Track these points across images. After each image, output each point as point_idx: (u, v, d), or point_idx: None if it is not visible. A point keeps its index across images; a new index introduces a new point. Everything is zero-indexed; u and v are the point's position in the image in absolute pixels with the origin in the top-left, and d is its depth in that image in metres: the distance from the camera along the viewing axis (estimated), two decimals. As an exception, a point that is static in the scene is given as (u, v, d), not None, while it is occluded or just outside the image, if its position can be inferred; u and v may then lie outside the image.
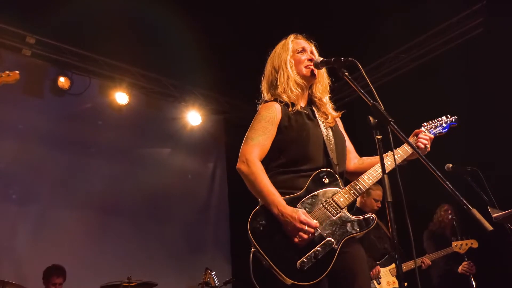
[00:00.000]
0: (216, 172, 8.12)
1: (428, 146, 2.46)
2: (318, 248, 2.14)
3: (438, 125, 2.63)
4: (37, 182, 6.25)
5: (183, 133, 7.71)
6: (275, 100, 2.50)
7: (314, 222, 2.15)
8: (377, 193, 4.75)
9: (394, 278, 4.51)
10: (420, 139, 2.45)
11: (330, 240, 2.17)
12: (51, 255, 5.59)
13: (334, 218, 2.24)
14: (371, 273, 4.47)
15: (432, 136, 2.53)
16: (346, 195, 2.29)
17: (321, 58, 2.37)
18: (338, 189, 2.32)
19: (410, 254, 1.91)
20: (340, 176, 2.41)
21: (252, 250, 2.17)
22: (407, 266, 4.40)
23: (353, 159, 2.63)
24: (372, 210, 4.85)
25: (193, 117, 7.63)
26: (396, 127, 1.90)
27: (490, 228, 1.70)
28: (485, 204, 3.69)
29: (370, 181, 2.33)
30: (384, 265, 4.57)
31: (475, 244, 4.76)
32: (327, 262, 2.14)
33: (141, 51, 6.63)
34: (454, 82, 5.84)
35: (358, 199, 4.95)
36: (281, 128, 2.42)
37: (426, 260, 4.75)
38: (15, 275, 5.42)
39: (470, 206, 1.70)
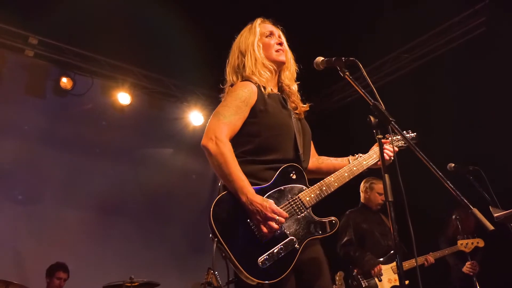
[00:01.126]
0: (218, 172, 8.12)
1: (393, 157, 2.37)
2: (281, 246, 2.07)
3: (400, 138, 2.59)
4: (40, 183, 6.27)
5: (185, 133, 7.72)
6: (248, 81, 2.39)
7: (285, 213, 2.09)
8: (380, 186, 4.73)
9: (395, 276, 4.50)
10: (386, 150, 2.37)
11: (293, 239, 2.11)
12: (54, 255, 5.59)
13: (298, 216, 2.17)
14: (373, 271, 4.47)
15: (396, 149, 2.49)
16: (312, 195, 2.22)
17: (322, 58, 2.32)
18: (305, 187, 2.25)
19: (412, 253, 1.90)
20: (305, 170, 2.35)
21: (215, 239, 2.04)
22: (410, 264, 4.39)
23: (312, 157, 2.57)
24: (377, 204, 4.85)
25: (195, 117, 7.64)
26: (397, 126, 1.90)
27: (491, 227, 1.69)
28: (487, 203, 3.68)
29: (336, 184, 2.28)
30: (386, 262, 4.57)
31: (481, 243, 4.69)
32: (288, 262, 2.07)
33: (143, 51, 6.65)
34: (456, 82, 5.83)
35: (362, 195, 4.95)
36: (255, 112, 2.30)
37: (430, 258, 4.72)
38: (18, 275, 5.43)
39: (471, 206, 1.69)
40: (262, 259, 2.02)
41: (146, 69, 7.21)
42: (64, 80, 6.61)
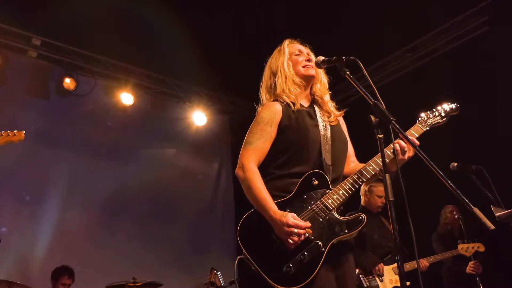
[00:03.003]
0: (221, 172, 8.13)
1: (407, 152, 2.25)
2: (305, 252, 2.13)
3: (437, 114, 2.50)
4: (43, 183, 6.29)
5: (188, 133, 7.73)
6: (276, 101, 2.50)
7: (303, 223, 2.15)
8: (380, 189, 4.72)
9: (397, 277, 4.49)
10: (399, 141, 2.27)
11: (317, 243, 2.15)
12: (58, 255, 5.62)
13: (322, 220, 2.21)
14: (374, 269, 4.46)
15: (411, 147, 2.26)
16: (335, 196, 2.26)
17: (323, 57, 2.33)
18: (327, 190, 2.29)
19: (414, 254, 1.89)
20: (336, 176, 2.37)
21: (239, 257, 2.18)
22: (411, 266, 4.38)
23: (350, 163, 2.58)
24: (377, 207, 4.83)
25: (198, 117, 7.64)
26: (397, 126, 1.89)
27: (492, 227, 1.68)
28: (490, 203, 3.66)
29: (361, 180, 2.28)
30: (388, 263, 4.56)
31: (481, 248, 4.69)
32: (314, 265, 2.11)
33: (146, 52, 6.65)
34: (459, 81, 5.80)
35: (362, 198, 4.93)
36: (281, 128, 2.41)
37: (423, 262, 4.72)
38: (22, 275, 5.46)
39: (472, 205, 1.68)
40: (287, 266, 2.10)
41: (148, 70, 7.21)
42: (67, 80, 6.62)
